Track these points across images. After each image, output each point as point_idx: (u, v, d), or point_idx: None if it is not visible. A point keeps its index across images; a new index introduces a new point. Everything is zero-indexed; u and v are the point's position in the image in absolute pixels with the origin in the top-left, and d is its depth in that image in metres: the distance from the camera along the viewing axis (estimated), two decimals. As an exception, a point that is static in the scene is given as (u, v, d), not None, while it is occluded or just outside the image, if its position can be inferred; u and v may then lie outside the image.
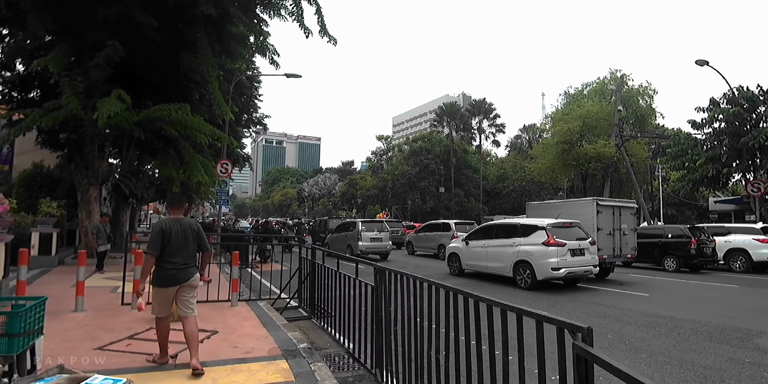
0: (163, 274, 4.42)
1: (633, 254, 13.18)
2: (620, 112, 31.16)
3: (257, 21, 12.68)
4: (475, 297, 2.83)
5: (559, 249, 10.33)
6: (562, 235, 10.67)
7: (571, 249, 10.48)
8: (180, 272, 4.46)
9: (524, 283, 10.65)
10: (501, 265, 11.35)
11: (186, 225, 4.61)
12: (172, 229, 4.48)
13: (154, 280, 4.48)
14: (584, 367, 1.79)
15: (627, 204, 13.65)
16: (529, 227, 11.12)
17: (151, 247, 4.35)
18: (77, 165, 12.47)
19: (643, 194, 34.25)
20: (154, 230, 4.51)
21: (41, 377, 3.02)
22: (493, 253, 11.67)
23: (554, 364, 2.11)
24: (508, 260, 11.13)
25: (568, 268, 10.28)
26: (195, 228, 4.70)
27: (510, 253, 11.11)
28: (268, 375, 4.21)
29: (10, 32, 11.98)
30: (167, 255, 4.42)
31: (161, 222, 4.63)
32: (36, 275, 10.00)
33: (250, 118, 27.36)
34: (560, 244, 10.38)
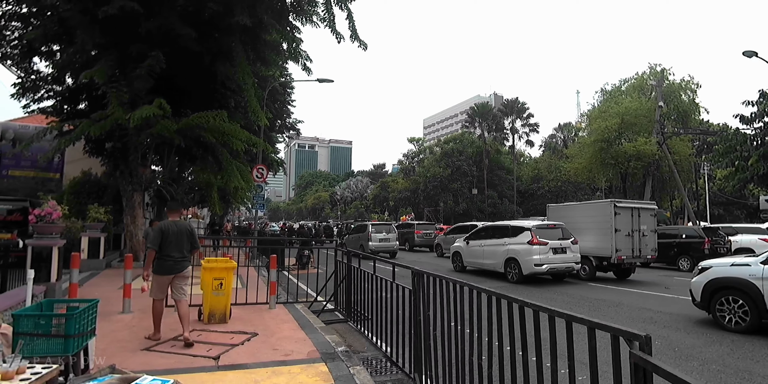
0: (163, 264, 5.48)
1: (653, 255, 13.18)
2: (661, 108, 30.00)
3: (290, 28, 12.90)
4: (520, 302, 2.75)
5: (542, 247, 11.71)
6: (546, 235, 12.02)
7: (553, 248, 11.85)
8: (176, 264, 5.55)
9: (512, 277, 12.14)
10: (494, 261, 12.95)
11: (182, 226, 5.70)
12: (170, 229, 5.53)
13: (155, 269, 5.51)
14: (642, 377, 1.71)
15: (646, 205, 13.73)
16: (518, 229, 12.68)
17: (152, 242, 5.44)
18: (122, 172, 13.01)
19: (687, 193, 32.81)
20: (155, 230, 5.61)
21: (94, 377, 3.13)
22: (488, 252, 13.28)
23: (606, 373, 2.03)
24: (500, 257, 12.67)
25: (549, 265, 11.69)
26: (189, 229, 5.78)
27: (501, 252, 12.64)
28: (308, 378, 4.24)
29: (60, 48, 12.65)
30: (166, 250, 5.47)
31: (162, 224, 5.66)
32: (86, 278, 10.47)
33: (283, 123, 27.89)
34: (543, 243, 11.77)
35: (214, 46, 11.99)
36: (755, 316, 6.51)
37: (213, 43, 11.91)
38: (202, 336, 5.61)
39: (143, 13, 10.24)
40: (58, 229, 7.48)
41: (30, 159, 17.78)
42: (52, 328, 3.24)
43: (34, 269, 5.91)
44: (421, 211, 55.55)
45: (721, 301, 6.99)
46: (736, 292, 6.82)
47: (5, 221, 11.60)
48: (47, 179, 18.50)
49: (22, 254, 7.13)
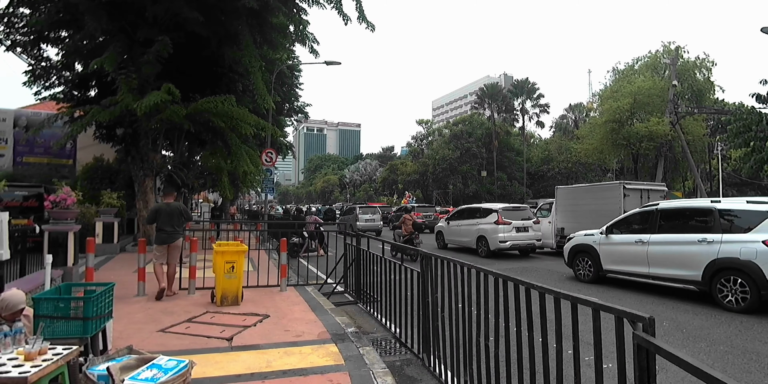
0: (159, 236, 7.19)
1: None
2: (675, 87, 29.36)
3: (296, 10, 12.74)
4: (526, 284, 2.78)
5: (506, 226, 13.54)
6: (511, 216, 13.85)
7: (516, 227, 13.67)
8: (169, 236, 7.18)
9: (482, 252, 14.05)
10: (468, 239, 14.89)
11: (173, 206, 7.35)
12: (163, 209, 7.26)
13: (156, 240, 7.24)
14: (645, 358, 1.73)
15: (655, 187, 13.82)
16: (487, 210, 14.53)
17: (148, 219, 7.44)
18: (134, 158, 13.14)
19: (700, 174, 32.35)
20: (151, 209, 7.58)
21: (113, 357, 3.24)
22: (463, 231, 15.21)
23: (611, 354, 2.06)
24: (473, 235, 14.58)
25: (512, 241, 13.57)
26: (180, 209, 7.43)
27: (474, 230, 14.55)
28: (319, 358, 4.35)
29: (68, 34, 12.65)
30: (160, 225, 7.15)
31: (156, 205, 7.57)
32: (101, 262, 10.71)
33: (291, 107, 27.78)
34: (507, 223, 13.59)
35: (221, 29, 11.90)
36: (596, 270, 9.14)
37: (220, 27, 11.82)
38: (215, 318, 5.75)
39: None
40: (73, 215, 7.62)
41: (43, 146, 18.03)
42: (71, 311, 3.35)
43: (51, 254, 6.07)
44: (430, 194, 55.51)
45: (577, 261, 9.63)
46: (585, 254, 9.42)
47: (21, 207, 11.80)
48: (60, 165, 18.76)
49: (39, 239, 7.30)
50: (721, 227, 7.24)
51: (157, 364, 2.96)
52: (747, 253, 6.72)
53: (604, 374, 2.18)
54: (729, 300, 6.89)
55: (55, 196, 7.42)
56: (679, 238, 7.73)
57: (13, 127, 18.43)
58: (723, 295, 6.98)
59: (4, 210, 6.98)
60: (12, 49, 13.18)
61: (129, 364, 3.11)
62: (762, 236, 6.70)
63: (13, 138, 18.41)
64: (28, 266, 6.85)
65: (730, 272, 6.90)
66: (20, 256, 6.60)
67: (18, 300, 3.13)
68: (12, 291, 3.22)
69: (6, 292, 3.28)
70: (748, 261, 6.67)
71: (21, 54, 13.50)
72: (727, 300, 6.90)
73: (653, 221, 8.35)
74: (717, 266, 7.04)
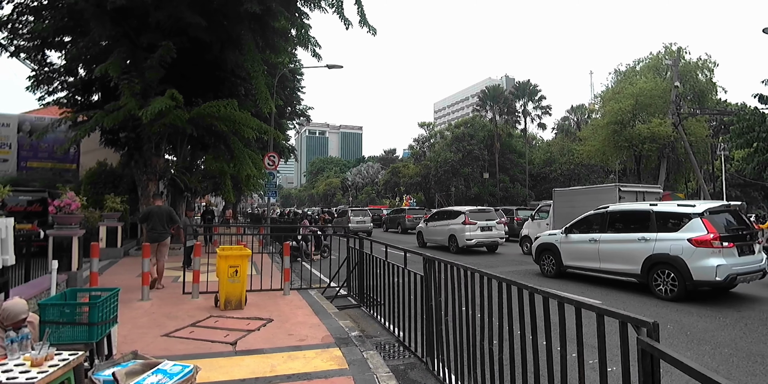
0: (151, 235, 8.14)
1: None
2: (677, 88, 29.27)
3: (298, 14, 12.78)
4: (530, 288, 2.79)
5: (472, 226, 15.50)
6: (477, 217, 15.81)
7: (481, 226, 15.62)
8: (160, 235, 8.18)
9: (453, 249, 15.93)
10: (442, 237, 16.80)
11: (163, 209, 8.38)
12: (154, 211, 8.27)
13: (147, 239, 8.13)
14: (650, 363, 1.74)
15: (651, 189, 14.38)
16: (456, 212, 16.49)
17: (141, 219, 8.54)
18: (137, 162, 13.18)
19: (703, 175, 32.24)
20: (144, 211, 8.65)
21: (118, 362, 3.26)
22: (438, 230, 17.11)
23: (615, 357, 2.06)
24: (445, 234, 16.53)
25: (477, 239, 15.53)
26: (167, 212, 8.41)
27: (446, 230, 16.50)
28: (323, 362, 4.35)
29: (72, 40, 12.72)
30: (151, 225, 8.14)
31: (148, 207, 8.67)
32: (105, 266, 10.74)
33: (293, 110, 27.83)
34: (472, 223, 15.54)
35: (223, 34, 11.95)
36: (558, 265, 10.19)
37: (222, 32, 11.87)
38: (219, 322, 5.76)
39: (151, 2, 10.23)
40: (77, 220, 7.66)
41: (47, 150, 18.11)
42: (76, 317, 3.36)
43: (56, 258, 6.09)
44: (433, 196, 55.46)
45: (543, 258, 10.67)
46: (549, 252, 10.47)
47: (25, 212, 11.87)
48: (64, 170, 18.83)
49: (43, 244, 7.34)
50: (656, 227, 8.19)
51: (162, 370, 2.97)
52: (675, 249, 7.68)
53: (608, 378, 2.18)
54: (661, 289, 7.85)
55: (59, 201, 7.46)
56: (624, 237, 8.71)
57: (17, 132, 18.52)
58: (657, 285, 7.93)
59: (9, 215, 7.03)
60: (16, 55, 13.26)
61: (134, 370, 3.12)
62: (688, 234, 7.65)
63: (17, 143, 18.51)
64: (32, 271, 6.88)
65: (663, 266, 7.85)
66: (25, 260, 6.62)
67: (19, 309, 3.07)
68: (14, 300, 3.20)
69: (7, 301, 3.24)
70: (677, 256, 7.63)
71: (25, 60, 13.59)
72: (660, 289, 7.87)
73: (604, 222, 9.35)
74: (653, 261, 8.01)
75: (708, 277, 7.32)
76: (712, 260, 7.34)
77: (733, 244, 7.56)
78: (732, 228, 7.91)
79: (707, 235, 7.48)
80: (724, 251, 7.43)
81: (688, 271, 7.43)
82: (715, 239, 7.43)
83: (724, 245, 7.44)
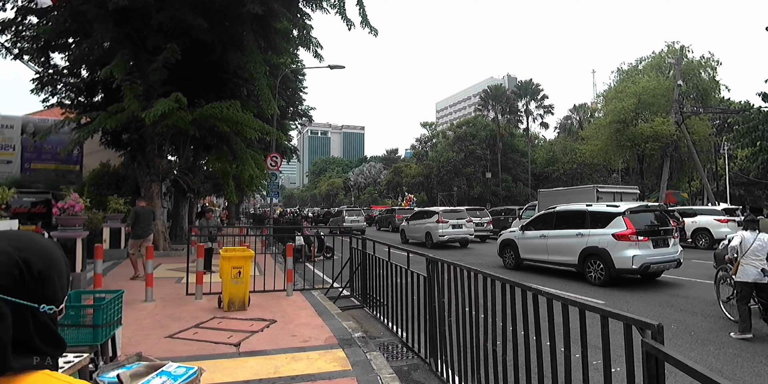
0: (137, 232, 9.16)
1: None
2: (680, 87, 29.14)
3: (300, 15, 12.81)
4: (534, 290, 2.78)
5: (444, 224, 17.39)
6: (449, 216, 17.79)
7: (453, 224, 17.53)
8: (144, 232, 9.20)
9: (428, 245, 17.70)
10: (420, 234, 18.75)
11: (147, 209, 9.55)
12: (141, 212, 9.26)
13: (133, 236, 9.23)
14: (654, 366, 1.73)
15: (628, 190, 15.94)
16: (432, 212, 18.66)
17: (132, 220, 9.24)
18: (140, 163, 13.22)
19: (706, 174, 32.10)
20: (132, 212, 9.41)
21: (122, 364, 3.26)
22: (417, 228, 19.04)
23: (619, 358, 2.06)
24: (422, 232, 18.50)
25: (449, 236, 17.40)
26: (151, 211, 9.63)
27: (423, 228, 18.45)
28: (327, 363, 4.35)
29: (75, 42, 12.77)
30: (138, 223, 9.14)
31: (135, 208, 9.44)
32: (108, 267, 10.76)
33: (295, 110, 27.84)
34: (445, 221, 17.46)
35: (225, 35, 11.98)
36: (517, 258, 11.45)
37: (224, 33, 11.90)
38: (222, 323, 5.77)
39: (154, 3, 10.25)
40: (81, 221, 7.69)
41: (50, 152, 18.17)
42: (81, 319, 3.37)
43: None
44: (435, 196, 55.42)
45: (504, 252, 11.97)
46: (510, 247, 11.77)
47: (29, 213, 11.92)
48: (67, 171, 18.90)
49: (47, 245, 7.36)
50: (590, 224, 9.62)
51: (166, 371, 2.97)
52: (603, 243, 9.10)
53: (613, 379, 2.18)
54: (592, 276, 9.27)
55: (63, 203, 7.49)
56: (565, 233, 10.13)
57: (21, 134, 18.59)
58: (589, 273, 9.32)
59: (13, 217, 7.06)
60: (20, 58, 13.31)
61: (139, 371, 3.12)
62: (612, 230, 9.07)
63: (21, 144, 18.58)
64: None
65: (594, 257, 9.27)
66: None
67: None
68: None
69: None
70: (603, 248, 9.05)
71: (28, 62, 13.64)
72: (591, 276, 9.28)
73: (552, 220, 10.76)
74: (586, 253, 9.43)
75: (626, 266, 8.72)
76: (629, 251, 8.73)
77: (647, 238, 8.93)
78: (649, 225, 9.28)
79: (626, 231, 8.89)
80: (640, 244, 8.84)
81: (611, 261, 8.85)
82: (632, 234, 8.84)
83: (639, 239, 8.85)
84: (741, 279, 5.58)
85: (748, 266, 5.54)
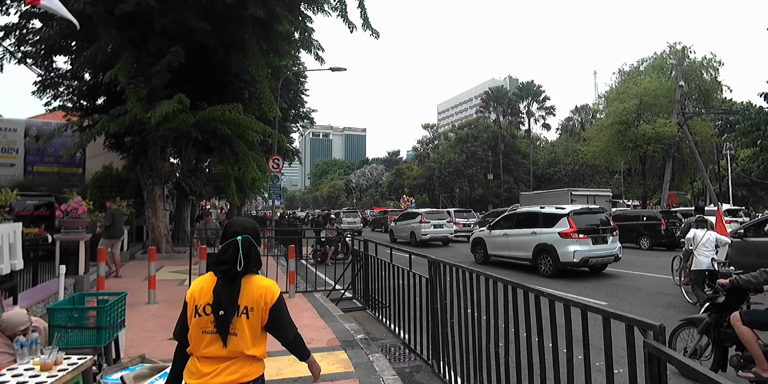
0: (113, 232, 9.90)
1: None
2: (682, 88, 29.12)
3: (302, 18, 12.83)
4: (536, 291, 2.79)
5: (426, 224, 18.95)
6: (431, 217, 19.41)
7: (434, 224, 19.08)
8: (119, 231, 10.12)
9: (413, 243, 18.76)
10: (406, 234, 20.17)
11: (121, 211, 10.45)
12: (117, 213, 10.04)
13: (109, 236, 9.79)
14: (657, 366, 1.73)
15: (601, 192, 17.92)
16: (415, 214, 20.37)
17: (111, 221, 9.86)
18: (142, 166, 13.26)
19: (709, 175, 32.03)
20: (110, 212, 9.97)
21: (126, 366, 3.28)
22: (404, 229, 20.48)
23: (622, 359, 2.06)
24: (408, 232, 19.94)
25: (431, 235, 18.92)
26: (123, 213, 10.72)
27: (408, 228, 19.98)
28: (329, 365, 4.35)
29: (78, 45, 12.82)
30: (115, 224, 9.87)
31: (112, 210, 10.08)
32: (112, 270, 10.79)
33: (297, 113, 27.88)
34: (427, 221, 19.01)
35: (228, 38, 12.02)
36: (485, 254, 12.91)
37: (226, 36, 11.94)
38: (225, 325, 5.77)
39: (157, 7, 10.30)
40: (84, 224, 7.71)
41: (53, 155, 18.23)
42: (84, 321, 3.39)
43: (63, 263, 6.13)
44: (437, 198, 55.41)
45: (475, 249, 13.48)
46: (480, 244, 13.21)
47: (33, 216, 11.96)
48: (70, 174, 18.96)
49: (50, 248, 7.39)
50: (542, 224, 11.02)
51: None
52: (551, 240, 10.51)
53: (615, 380, 2.18)
54: (543, 269, 10.68)
55: (66, 206, 7.51)
56: (523, 232, 11.56)
57: (24, 137, 18.67)
58: (541, 266, 10.77)
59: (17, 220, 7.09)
60: (23, 62, 13.37)
61: (142, 373, 3.15)
62: (558, 229, 10.49)
63: (24, 148, 18.65)
64: (40, 275, 6.93)
65: (544, 252, 10.69)
66: (32, 264, 6.68)
67: (18, 321, 3.01)
68: (14, 311, 3.17)
69: (6, 312, 3.19)
70: (551, 245, 10.46)
71: (31, 65, 13.70)
72: (542, 269, 10.70)
73: (513, 221, 12.25)
74: (538, 249, 10.86)
75: (569, 259, 10.11)
76: (572, 247, 10.14)
77: (587, 236, 10.33)
78: (589, 224, 10.66)
79: (569, 230, 10.31)
80: (581, 241, 10.24)
81: (557, 256, 10.29)
82: (574, 232, 10.24)
83: (580, 237, 10.25)
84: (696, 268, 6.82)
85: (701, 257, 6.75)
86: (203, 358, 1.87)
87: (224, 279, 1.88)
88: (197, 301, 1.88)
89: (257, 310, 1.90)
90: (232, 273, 1.88)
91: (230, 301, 1.85)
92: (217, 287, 1.86)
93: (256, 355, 1.93)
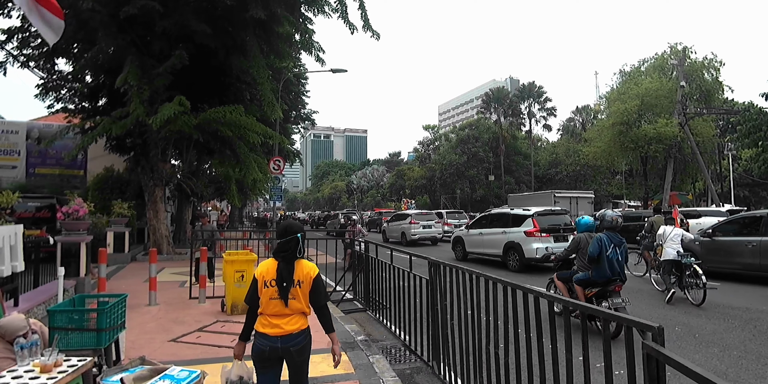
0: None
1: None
2: (683, 88, 29.08)
3: (302, 19, 12.86)
4: (535, 292, 2.78)
5: (415, 225, 20.08)
6: (420, 219, 20.65)
7: (423, 225, 20.21)
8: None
9: (404, 242, 19.82)
10: (397, 234, 21.27)
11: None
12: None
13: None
14: (655, 368, 1.73)
15: (583, 194, 19.25)
16: (405, 215, 21.64)
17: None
18: (143, 168, 13.28)
19: (711, 175, 31.96)
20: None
21: (126, 368, 3.28)
22: (395, 229, 21.63)
23: (622, 360, 2.06)
24: (399, 232, 21.02)
25: (420, 235, 20.02)
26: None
27: (399, 228, 21.07)
28: (329, 367, 4.33)
29: (80, 48, 12.87)
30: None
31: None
32: (112, 271, 10.81)
33: (298, 114, 27.91)
34: (416, 222, 20.19)
35: (229, 40, 12.05)
36: (464, 251, 13.98)
37: (227, 38, 11.98)
38: (225, 327, 5.78)
39: (158, 10, 10.33)
40: (85, 226, 7.73)
41: (55, 157, 18.29)
42: (85, 323, 3.39)
43: (64, 264, 6.14)
44: (438, 199, 55.38)
45: (456, 247, 14.49)
46: (459, 243, 14.29)
47: (34, 218, 12.00)
48: (72, 176, 19.01)
49: (52, 250, 7.41)
50: (511, 224, 12.09)
51: (169, 375, 2.98)
52: (518, 238, 11.55)
53: (614, 381, 2.17)
54: (511, 264, 11.70)
55: (67, 208, 7.53)
56: (495, 231, 12.66)
57: (26, 139, 18.73)
58: (509, 262, 11.78)
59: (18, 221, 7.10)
60: (26, 65, 13.42)
61: (142, 375, 3.14)
62: (524, 229, 11.53)
63: (26, 150, 18.71)
64: (41, 276, 6.94)
65: (512, 249, 11.71)
66: (34, 266, 6.69)
67: (16, 326, 2.99)
68: (12, 316, 3.15)
69: (5, 317, 3.17)
70: (518, 242, 11.47)
71: (34, 68, 13.74)
72: (510, 264, 11.71)
73: (488, 221, 13.46)
74: (507, 246, 11.88)
75: (532, 255, 11.12)
76: (534, 245, 11.15)
77: (549, 234, 11.31)
78: (552, 224, 11.65)
79: (533, 229, 11.35)
80: (543, 239, 11.24)
81: (522, 252, 11.30)
82: (537, 231, 11.28)
83: (542, 235, 11.27)
84: (665, 258, 7.93)
85: (669, 249, 7.88)
86: (273, 315, 2.70)
87: (284, 261, 2.68)
88: (265, 278, 2.68)
89: (306, 282, 2.72)
90: (290, 257, 2.70)
91: (289, 277, 2.66)
92: (280, 267, 2.67)
93: (306, 312, 2.79)
